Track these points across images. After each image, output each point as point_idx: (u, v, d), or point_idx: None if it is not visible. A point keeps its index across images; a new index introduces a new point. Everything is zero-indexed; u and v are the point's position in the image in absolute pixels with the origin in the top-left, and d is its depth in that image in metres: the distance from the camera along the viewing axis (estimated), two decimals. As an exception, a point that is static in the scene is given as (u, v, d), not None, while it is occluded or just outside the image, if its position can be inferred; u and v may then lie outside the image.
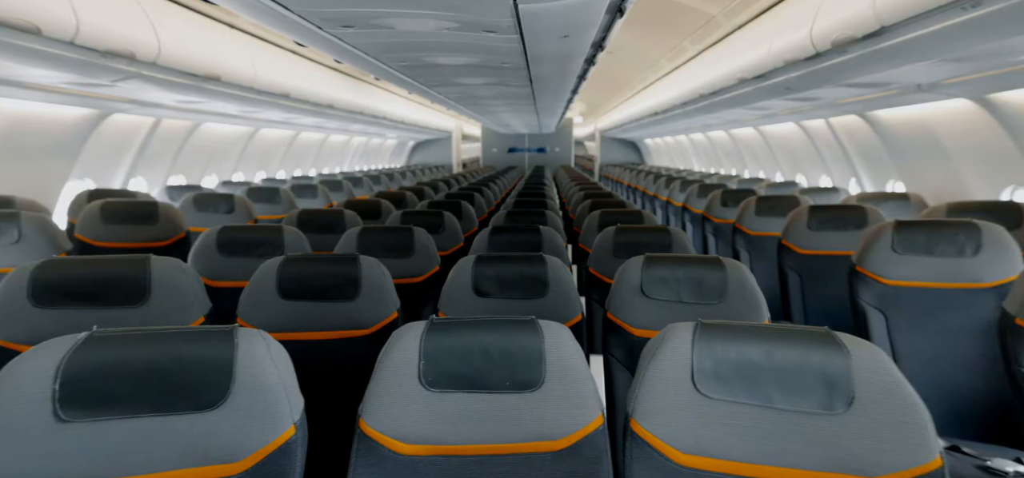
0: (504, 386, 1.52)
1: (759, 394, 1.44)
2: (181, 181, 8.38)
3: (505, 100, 7.89)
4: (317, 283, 2.48)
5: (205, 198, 4.99)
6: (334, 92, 8.28)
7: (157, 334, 1.45)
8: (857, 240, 3.57)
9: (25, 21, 3.04)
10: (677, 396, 1.47)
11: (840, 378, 1.41)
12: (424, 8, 2.66)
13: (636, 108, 11.56)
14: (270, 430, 1.41)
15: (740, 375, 1.46)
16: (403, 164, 21.92)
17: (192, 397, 1.37)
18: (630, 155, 22.87)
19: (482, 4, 2.53)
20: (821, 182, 8.15)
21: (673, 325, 1.54)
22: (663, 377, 1.48)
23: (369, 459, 1.49)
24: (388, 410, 1.50)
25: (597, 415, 1.53)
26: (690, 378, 1.47)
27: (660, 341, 1.53)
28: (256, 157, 10.57)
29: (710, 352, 1.48)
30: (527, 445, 1.51)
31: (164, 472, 1.35)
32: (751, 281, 2.37)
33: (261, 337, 1.47)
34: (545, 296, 2.53)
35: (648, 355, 1.54)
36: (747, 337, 1.48)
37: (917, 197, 5.04)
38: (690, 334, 1.50)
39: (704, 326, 1.51)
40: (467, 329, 1.57)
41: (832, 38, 3.33)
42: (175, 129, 7.67)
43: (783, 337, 1.48)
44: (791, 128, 8.21)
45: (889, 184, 6.44)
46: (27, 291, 2.15)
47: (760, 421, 1.44)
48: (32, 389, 1.33)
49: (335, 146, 14.61)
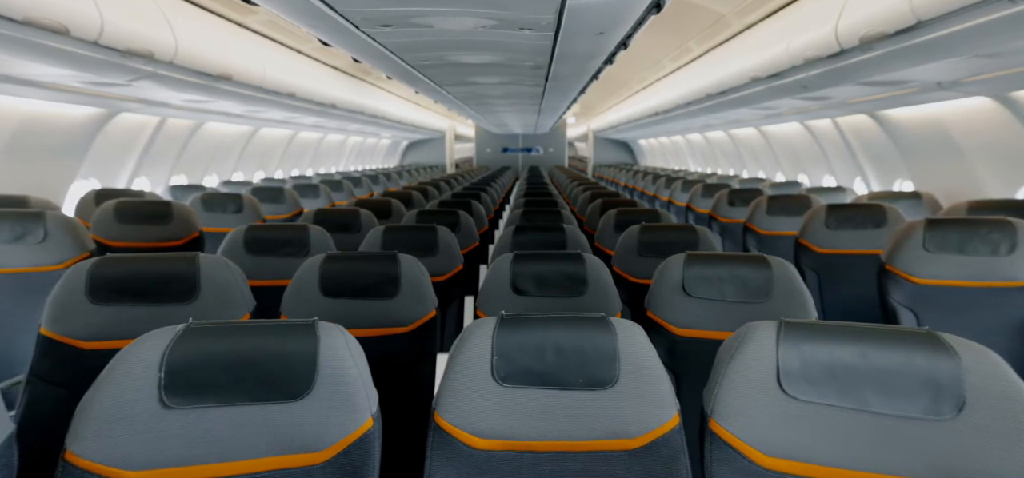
0: (577, 383, 1.51)
1: (853, 397, 1.39)
2: (183, 181, 8.37)
3: (511, 99, 7.91)
4: (358, 281, 2.52)
5: (214, 198, 4.99)
6: (336, 91, 8.30)
7: (247, 326, 1.50)
8: (876, 239, 3.61)
9: (55, 22, 3.05)
10: (761, 397, 1.44)
11: (949, 382, 1.34)
12: (467, 6, 2.67)
13: (634, 108, 11.55)
14: (350, 421, 1.44)
15: (831, 376, 1.41)
16: (396, 164, 21.90)
17: (280, 388, 1.42)
18: (623, 156, 22.92)
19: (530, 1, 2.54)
20: (824, 182, 8.14)
21: (752, 324, 1.52)
22: (745, 377, 1.45)
23: (445, 452, 1.50)
24: (462, 404, 1.51)
25: (673, 415, 1.52)
26: (775, 379, 1.43)
27: (740, 341, 1.50)
28: (255, 157, 10.56)
29: (797, 352, 1.43)
30: (601, 443, 1.51)
31: (255, 459, 1.41)
32: (798, 279, 2.34)
33: (340, 331, 1.50)
34: (584, 294, 2.53)
35: (726, 355, 1.51)
36: (838, 337, 1.44)
37: (929, 196, 5.06)
38: (774, 333, 1.46)
39: (789, 325, 1.47)
40: (539, 326, 1.56)
41: (860, 34, 3.28)
42: (179, 128, 7.66)
43: (880, 337, 1.43)
44: (794, 128, 8.22)
45: (896, 183, 6.45)
46: (85, 288, 2.18)
47: (854, 425, 1.39)
48: (141, 376, 1.38)
49: (332, 146, 14.60)
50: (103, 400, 1.37)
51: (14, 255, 3.03)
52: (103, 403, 1.37)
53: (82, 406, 1.39)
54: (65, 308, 2.18)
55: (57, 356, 2.17)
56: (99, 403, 1.37)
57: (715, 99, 6.53)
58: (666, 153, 18.07)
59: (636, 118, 11.68)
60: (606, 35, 3.09)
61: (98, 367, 2.15)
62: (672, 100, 8.27)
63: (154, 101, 5.68)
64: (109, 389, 1.38)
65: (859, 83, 4.22)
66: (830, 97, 5.06)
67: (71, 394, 2.16)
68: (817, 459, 1.40)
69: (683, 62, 7.81)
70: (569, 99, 7.80)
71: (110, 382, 1.38)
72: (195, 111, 6.82)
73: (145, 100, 5.54)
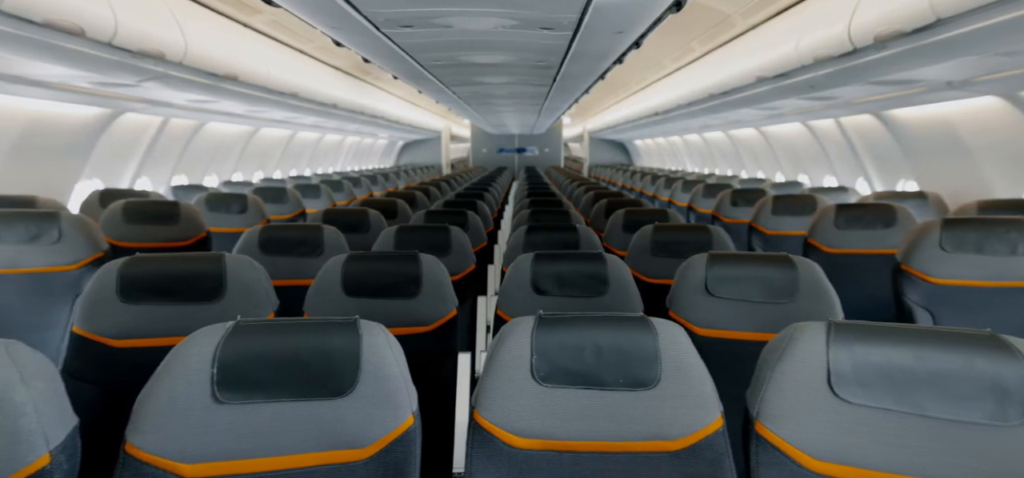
0: (617, 383, 1.51)
1: (910, 401, 1.36)
2: (183, 181, 8.36)
3: (515, 99, 7.91)
4: (380, 280, 2.53)
5: (218, 198, 4.99)
6: (337, 91, 8.32)
7: (292, 324, 1.52)
8: (886, 238, 3.61)
9: (71, 23, 3.06)
10: (811, 400, 1.41)
11: (1016, 386, 1.30)
12: (489, 6, 2.68)
13: (633, 109, 11.56)
14: (392, 418, 1.47)
15: (886, 380, 1.37)
16: (391, 164, 21.89)
17: (325, 384, 1.44)
18: (618, 156, 22.95)
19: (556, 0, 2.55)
20: (825, 182, 8.14)
21: (799, 325, 1.49)
22: (793, 379, 1.43)
23: (485, 450, 1.51)
24: (501, 403, 1.51)
25: (716, 417, 1.50)
26: (826, 381, 1.40)
27: (786, 342, 1.48)
28: (255, 157, 10.56)
29: (848, 354, 1.40)
30: (642, 444, 1.50)
31: (302, 454, 1.44)
32: (824, 279, 2.33)
33: (381, 330, 1.52)
34: (605, 294, 2.54)
35: (772, 356, 1.49)
36: (893, 339, 1.40)
37: (935, 196, 5.04)
38: (823, 334, 1.44)
39: (839, 326, 1.44)
40: (578, 325, 1.55)
41: (875, 33, 3.23)
42: (181, 129, 7.66)
43: (939, 339, 1.39)
44: (794, 128, 8.21)
45: (900, 183, 6.45)
46: (116, 287, 2.20)
47: (911, 430, 1.36)
48: (195, 372, 1.42)
49: (330, 146, 14.61)
50: (160, 395, 1.40)
51: (30, 255, 3.04)
52: (160, 397, 1.40)
53: (141, 400, 1.42)
54: (96, 307, 2.20)
55: (88, 354, 2.19)
56: (156, 397, 1.40)
57: (719, 99, 6.53)
58: (663, 154, 18.09)
59: (635, 118, 11.68)
60: (624, 34, 3.09)
61: (127, 364, 2.19)
62: (673, 100, 8.27)
63: (159, 101, 5.69)
64: (165, 384, 1.41)
65: (868, 83, 4.19)
66: (836, 97, 5.04)
67: (102, 391, 2.19)
68: (870, 464, 1.38)
69: (685, 62, 7.81)
70: (573, 99, 7.82)
71: (166, 377, 1.42)
72: (198, 111, 6.83)
73: (150, 100, 5.55)
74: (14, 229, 3.05)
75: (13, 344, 1.36)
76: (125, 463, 1.38)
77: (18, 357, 1.34)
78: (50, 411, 1.35)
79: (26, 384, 1.32)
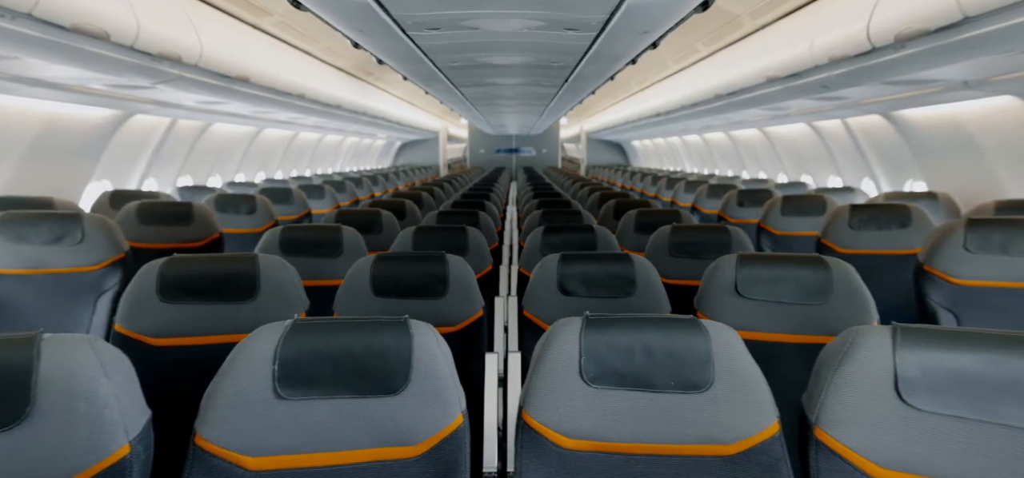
0: (669, 386, 1.49)
1: (984, 408, 1.31)
2: (188, 182, 8.38)
3: (522, 100, 7.91)
4: (408, 281, 2.57)
5: (227, 199, 5.01)
6: (341, 92, 8.34)
7: (345, 323, 1.56)
8: (901, 239, 3.59)
9: (98, 28, 3.10)
10: (876, 406, 1.38)
11: None
12: (518, 8, 2.69)
13: (634, 109, 11.55)
14: (443, 417, 1.50)
15: (959, 386, 1.33)
16: (389, 164, 21.89)
17: (379, 382, 1.48)
18: (616, 156, 22.97)
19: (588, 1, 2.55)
20: (829, 182, 8.12)
21: (860, 329, 1.47)
22: (856, 385, 1.40)
23: (534, 450, 1.52)
24: (550, 404, 1.51)
25: (773, 421, 1.48)
26: (893, 387, 1.37)
27: (847, 346, 1.45)
28: (257, 157, 10.57)
29: (917, 359, 1.37)
30: (695, 447, 1.48)
31: (357, 450, 1.47)
32: (859, 281, 2.31)
33: (430, 330, 1.56)
34: (632, 295, 2.56)
35: (831, 360, 1.47)
36: (966, 343, 1.37)
37: (946, 196, 5.01)
38: (888, 339, 1.41)
39: (906, 331, 1.41)
40: (627, 327, 1.55)
41: (896, 32, 3.16)
42: (188, 130, 7.69)
43: (1015, 345, 1.34)
44: (798, 128, 8.18)
45: (907, 184, 6.42)
46: (156, 286, 2.25)
47: (986, 439, 1.32)
48: (258, 369, 1.46)
49: (329, 146, 14.62)
50: (226, 389, 1.45)
51: (54, 256, 3.07)
52: (225, 393, 1.45)
53: (209, 394, 1.47)
54: (137, 306, 2.25)
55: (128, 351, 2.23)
56: (222, 392, 1.45)
57: (726, 99, 6.51)
58: (661, 154, 18.10)
59: (635, 119, 11.66)
60: (648, 34, 3.09)
61: (166, 362, 2.23)
62: (676, 101, 8.24)
63: (168, 103, 5.72)
64: (230, 380, 1.46)
65: (884, 83, 4.14)
66: (845, 97, 5.00)
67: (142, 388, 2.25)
68: (940, 473, 1.34)
69: (689, 63, 7.80)
70: (578, 100, 7.83)
71: (231, 373, 1.46)
72: (206, 112, 6.86)
73: (161, 102, 5.58)
74: (39, 230, 3.09)
75: (94, 339, 1.40)
76: (195, 454, 1.43)
77: (100, 351, 1.39)
78: (129, 403, 1.41)
79: (109, 377, 1.37)
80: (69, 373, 1.33)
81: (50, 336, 1.38)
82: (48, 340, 1.36)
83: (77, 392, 1.32)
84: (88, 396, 1.33)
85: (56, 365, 1.33)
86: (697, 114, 8.34)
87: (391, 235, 4.19)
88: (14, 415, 1.29)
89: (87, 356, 1.36)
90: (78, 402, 1.32)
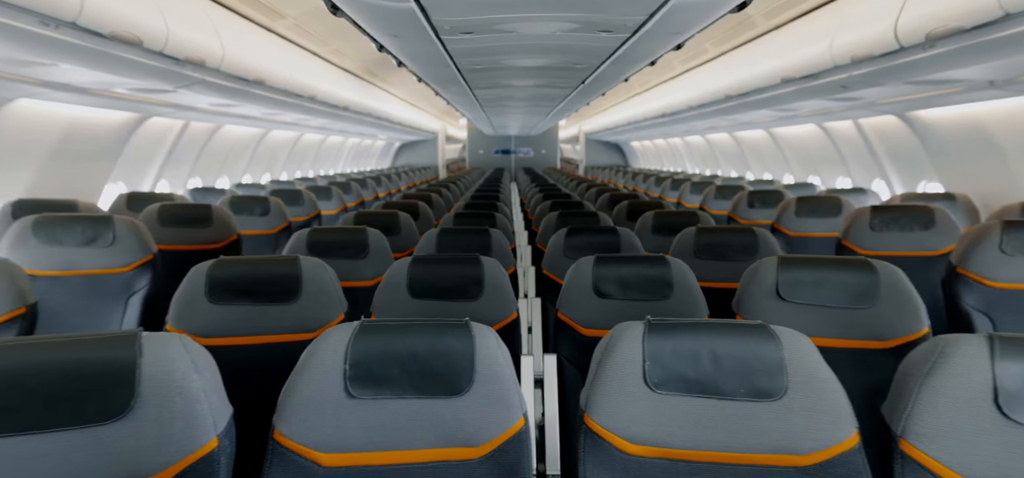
0: (738, 393, 1.46)
1: None
2: (198, 183, 8.42)
3: (532, 101, 7.86)
4: (444, 282, 2.58)
5: (240, 201, 5.05)
6: (348, 93, 8.38)
7: (409, 325, 1.59)
8: (924, 241, 3.54)
9: (132, 35, 3.15)
10: (972, 419, 1.34)
11: None
12: (556, 9, 2.66)
13: (637, 110, 11.51)
14: (505, 419, 1.52)
15: None
16: (388, 165, 21.89)
17: (444, 383, 1.51)
18: (614, 157, 22.94)
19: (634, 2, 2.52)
20: (838, 183, 8.04)
21: (949, 337, 1.44)
22: (947, 397, 1.36)
23: (598, 455, 1.51)
24: (613, 409, 1.50)
25: (852, 432, 1.43)
26: (992, 400, 1.33)
27: (937, 355, 1.42)
28: (263, 159, 10.61)
29: (1020, 371, 1.33)
30: (767, 457, 1.44)
31: (423, 449, 1.50)
32: (908, 285, 2.26)
33: (491, 333, 1.58)
34: (669, 298, 2.53)
35: (917, 370, 1.43)
36: None
37: (964, 197, 4.94)
38: (986, 349, 1.37)
39: (1006, 340, 1.37)
40: (692, 331, 1.52)
41: (927, 30, 3.05)
42: (199, 132, 7.73)
43: None
44: (806, 128, 8.11)
45: (921, 185, 6.35)
46: (205, 288, 2.30)
47: None
48: (331, 368, 1.50)
49: (332, 147, 14.65)
50: (301, 388, 1.49)
51: (87, 257, 3.13)
52: (300, 391, 1.49)
53: (286, 391, 1.51)
54: (187, 307, 2.29)
55: None
56: (298, 390, 1.49)
57: (735, 100, 6.47)
58: (661, 155, 18.08)
59: (639, 119, 11.61)
60: (679, 34, 3.04)
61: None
62: (683, 102, 8.20)
63: (184, 106, 5.76)
64: (305, 378, 1.50)
65: (907, 82, 4.04)
66: (862, 97, 4.93)
67: None
68: None
69: (696, 64, 7.78)
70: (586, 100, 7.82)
71: (305, 372, 1.51)
72: (218, 114, 6.90)
73: (177, 105, 5.62)
74: (72, 232, 3.14)
75: (182, 337, 1.45)
76: (273, 449, 1.48)
77: (190, 348, 1.44)
78: (216, 399, 1.46)
79: (199, 373, 1.42)
80: (166, 369, 1.38)
81: (147, 334, 1.42)
82: (146, 337, 1.42)
83: (173, 387, 1.38)
84: (182, 391, 1.38)
85: (154, 361, 1.38)
86: (704, 115, 8.27)
87: (409, 236, 4.22)
88: (120, 407, 1.34)
89: (180, 353, 1.41)
90: (174, 396, 1.37)
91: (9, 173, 4.95)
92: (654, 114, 10.16)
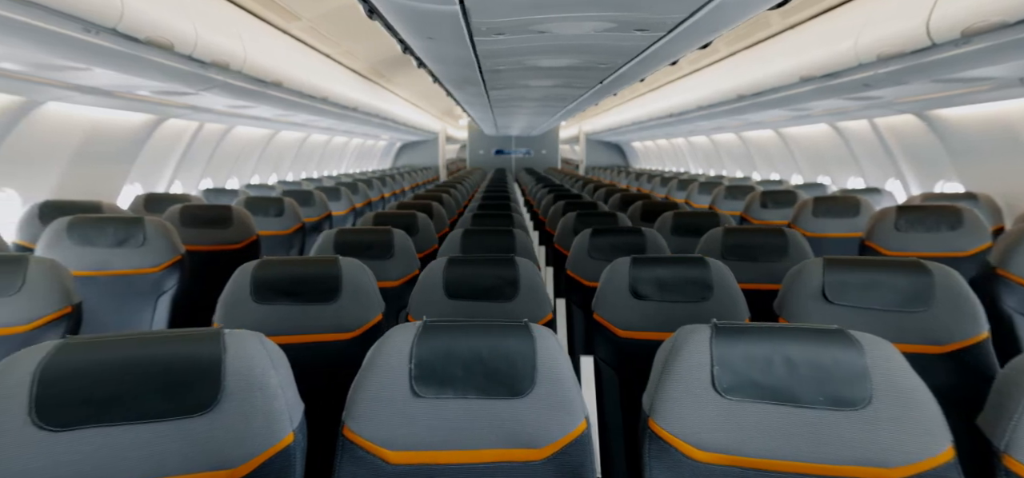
0: (817, 401, 1.41)
1: None
2: (209, 184, 8.44)
3: (542, 101, 7.81)
4: (481, 283, 2.57)
5: (255, 202, 5.07)
6: (356, 94, 8.41)
7: (470, 326, 1.60)
8: (951, 241, 3.47)
9: (164, 39, 3.18)
10: None
11: None
12: (594, 9, 2.63)
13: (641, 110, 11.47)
14: (568, 422, 1.51)
15: None
16: (389, 165, 21.91)
17: (506, 384, 1.52)
18: (615, 158, 22.91)
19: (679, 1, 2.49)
20: (849, 183, 7.97)
21: None
22: None
23: (664, 460, 1.48)
24: (679, 413, 1.47)
25: (947, 446, 1.37)
26: None
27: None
28: (271, 160, 10.64)
29: None
30: (850, 469, 1.39)
31: (485, 449, 1.51)
32: (965, 288, 2.18)
33: (551, 334, 1.59)
34: (708, 300, 2.49)
35: (1022, 378, 1.38)
36: None
37: (987, 197, 4.84)
38: None
39: None
40: (763, 336, 1.48)
41: (963, 26, 2.95)
42: (212, 133, 7.76)
43: None
44: (817, 128, 8.02)
45: (938, 185, 6.27)
46: (250, 288, 2.34)
47: None
48: (397, 366, 1.53)
49: (336, 148, 14.68)
50: (369, 385, 1.52)
51: (118, 258, 3.16)
52: (368, 389, 1.52)
53: (355, 388, 1.54)
54: (233, 307, 2.33)
55: None
56: (366, 387, 1.52)
57: (748, 100, 6.40)
58: (663, 155, 18.05)
59: (644, 119, 11.54)
60: (715, 32, 2.99)
61: None
62: (692, 102, 8.15)
63: (201, 107, 5.79)
64: (373, 376, 1.53)
65: (933, 81, 3.95)
66: (881, 96, 4.83)
67: None
68: None
69: (705, 63, 7.74)
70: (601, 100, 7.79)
71: (373, 370, 1.53)
72: (233, 116, 6.94)
73: (194, 106, 5.66)
74: (104, 233, 3.18)
75: (259, 335, 1.49)
76: (343, 445, 1.51)
77: (267, 345, 1.48)
78: (291, 395, 1.49)
79: (276, 369, 1.46)
80: (247, 365, 1.42)
81: (228, 331, 1.46)
82: (228, 334, 1.45)
83: (254, 382, 1.41)
84: (262, 386, 1.41)
85: (237, 357, 1.42)
86: (713, 115, 8.21)
87: (427, 236, 4.24)
88: (208, 401, 1.38)
89: (259, 349, 1.45)
90: (255, 391, 1.41)
91: (38, 175, 5.00)
92: (661, 114, 10.09)
